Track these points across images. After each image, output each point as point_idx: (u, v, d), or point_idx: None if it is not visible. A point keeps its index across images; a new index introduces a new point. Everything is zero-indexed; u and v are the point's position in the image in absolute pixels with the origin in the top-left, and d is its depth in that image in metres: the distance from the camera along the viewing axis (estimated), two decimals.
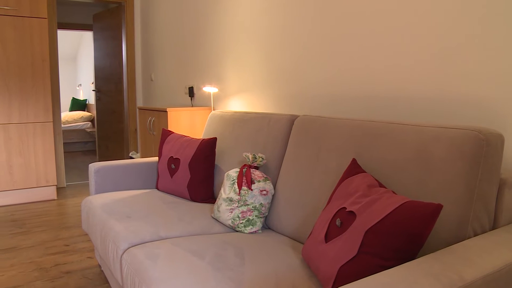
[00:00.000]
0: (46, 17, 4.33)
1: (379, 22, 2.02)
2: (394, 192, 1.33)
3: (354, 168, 1.58)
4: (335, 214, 1.42)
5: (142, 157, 4.12)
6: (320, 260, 1.38)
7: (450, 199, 1.33)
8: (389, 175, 1.54)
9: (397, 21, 1.94)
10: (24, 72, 4.26)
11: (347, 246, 1.28)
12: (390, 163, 1.55)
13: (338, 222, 1.37)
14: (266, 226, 2.11)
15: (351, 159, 1.70)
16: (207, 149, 2.44)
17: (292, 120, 2.17)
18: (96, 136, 6.63)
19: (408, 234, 1.15)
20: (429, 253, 1.21)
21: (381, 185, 1.44)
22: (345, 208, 1.40)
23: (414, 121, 1.59)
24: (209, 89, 3.44)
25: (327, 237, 1.40)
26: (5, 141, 4.23)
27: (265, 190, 1.98)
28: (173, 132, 2.76)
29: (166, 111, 3.36)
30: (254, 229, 1.97)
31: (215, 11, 3.46)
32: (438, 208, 1.14)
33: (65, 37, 10.01)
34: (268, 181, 2.01)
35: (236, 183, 2.01)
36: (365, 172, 1.55)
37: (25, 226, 3.64)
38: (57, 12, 7.16)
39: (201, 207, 2.31)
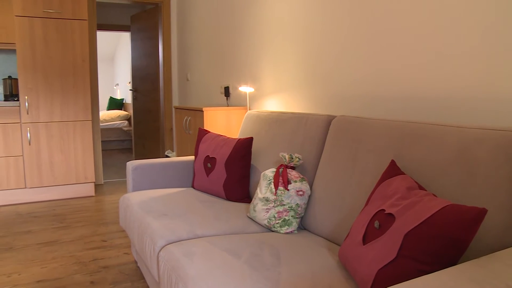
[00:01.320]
0: (87, 19, 4.45)
1: (418, 19, 1.98)
2: (434, 195, 1.30)
3: (393, 170, 1.55)
4: (373, 216, 1.40)
5: (177, 155, 4.17)
6: (357, 262, 1.36)
7: (495, 204, 1.29)
8: (429, 177, 1.50)
9: (437, 18, 1.89)
10: (66, 72, 4.39)
11: (385, 249, 1.26)
12: (430, 165, 1.51)
13: (376, 224, 1.35)
14: (302, 227, 2.10)
15: (389, 161, 1.68)
16: (243, 149, 2.45)
17: (329, 120, 2.15)
18: (133, 135, 6.76)
19: (449, 238, 1.12)
20: (472, 259, 1.17)
21: (421, 188, 1.41)
22: (383, 210, 1.37)
23: (456, 122, 1.55)
24: (245, 89, 3.45)
25: (365, 239, 1.38)
26: (48, 138, 4.36)
27: (301, 191, 1.98)
28: (210, 132, 2.78)
29: (202, 111, 3.39)
30: (290, 229, 1.96)
31: (252, 10, 3.47)
32: (482, 212, 1.10)
33: (103, 38, 10.24)
34: (304, 182, 2.00)
35: (272, 183, 2.01)
36: (404, 174, 1.52)
37: (66, 221, 3.75)
38: (97, 13, 7.33)
39: (237, 207, 2.32)
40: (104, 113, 8.91)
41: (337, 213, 1.86)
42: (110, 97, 10.16)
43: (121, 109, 9.86)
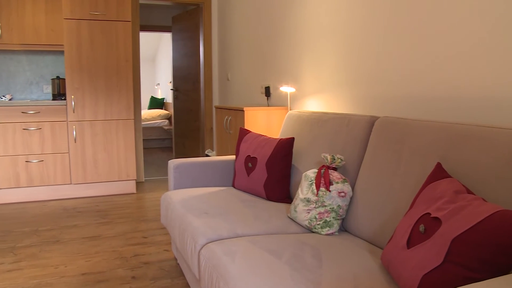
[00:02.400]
0: (130, 20, 4.55)
1: (464, 17, 1.92)
2: (484, 200, 1.26)
3: (439, 172, 1.52)
4: (418, 220, 1.37)
5: (217, 155, 4.21)
6: (401, 266, 1.34)
7: None
8: (478, 181, 1.46)
9: (487, 16, 1.83)
10: (110, 72, 4.51)
11: (431, 253, 1.23)
12: (479, 168, 1.47)
13: (421, 228, 1.32)
14: (343, 229, 2.08)
15: (434, 163, 1.64)
16: (284, 149, 2.45)
17: (372, 121, 2.12)
18: (173, 134, 6.87)
19: (500, 245, 1.08)
20: None
21: (469, 192, 1.37)
22: (429, 214, 1.34)
23: (507, 124, 1.50)
24: (286, 89, 3.44)
25: (409, 243, 1.35)
26: (92, 136, 4.49)
27: (343, 192, 1.96)
28: (251, 131, 2.79)
29: (243, 111, 3.41)
30: (331, 231, 1.95)
31: (293, 10, 3.47)
32: None
33: (145, 38, 10.45)
34: (346, 183, 1.98)
35: (314, 184, 2.00)
36: (451, 177, 1.48)
37: (108, 217, 3.85)
38: (139, 15, 7.49)
39: (277, 207, 2.32)
40: (145, 112, 9.09)
41: (379, 215, 1.83)
42: (151, 96, 10.36)
43: (162, 108, 10.04)
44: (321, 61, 3.09)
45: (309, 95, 3.27)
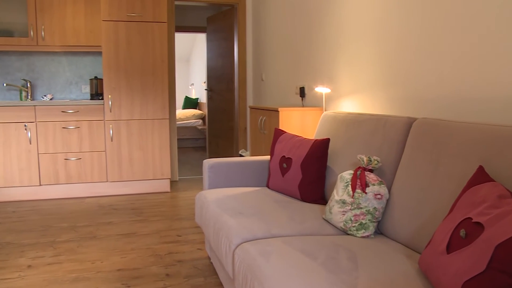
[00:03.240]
0: (166, 21, 4.62)
1: (506, 11, 1.86)
2: None
3: (481, 176, 1.47)
4: (458, 224, 1.34)
5: (251, 155, 4.22)
6: (440, 272, 1.30)
7: None
8: None
9: None
10: (146, 73, 4.58)
11: (473, 260, 1.19)
12: None
13: (462, 233, 1.29)
14: (378, 231, 2.05)
15: (476, 166, 1.59)
16: (319, 150, 2.43)
17: (409, 123, 2.08)
18: (207, 133, 6.92)
19: None
20: None
21: None
22: (470, 218, 1.30)
23: None
24: (322, 90, 3.42)
25: (449, 248, 1.32)
26: (128, 136, 4.58)
27: (379, 194, 1.93)
28: (286, 132, 2.78)
29: (278, 111, 3.40)
30: (366, 233, 1.92)
31: (328, 10, 3.44)
32: None
33: (180, 39, 10.58)
34: (383, 185, 1.95)
35: (349, 185, 1.98)
36: (494, 181, 1.43)
37: (143, 215, 3.91)
38: (175, 16, 7.58)
39: (312, 208, 2.31)
40: (180, 112, 9.20)
41: (417, 218, 1.79)
42: (186, 96, 10.47)
43: (196, 108, 10.14)
44: (357, 61, 3.05)
45: (344, 95, 3.24)
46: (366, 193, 1.92)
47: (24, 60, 5.01)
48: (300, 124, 3.44)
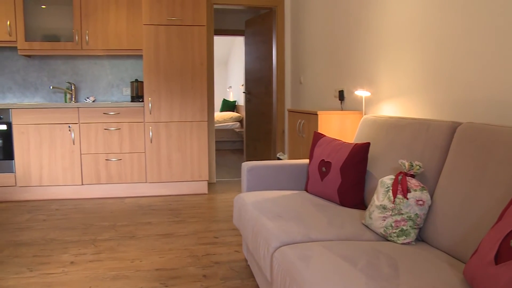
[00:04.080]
0: (205, 24, 4.67)
1: None
2: None
3: None
4: (508, 234, 1.29)
5: (289, 158, 4.20)
6: (488, 283, 1.26)
7: None
8: None
9: None
10: (185, 75, 4.65)
11: None
12: None
13: None
14: (420, 238, 2.00)
15: None
16: (359, 154, 2.40)
17: (454, 127, 2.03)
18: (245, 136, 6.95)
19: None
20: None
21: None
22: None
23: None
24: (361, 93, 3.37)
25: (498, 259, 1.27)
26: (167, 137, 4.65)
27: (421, 200, 1.88)
28: (325, 135, 2.76)
29: (317, 114, 3.38)
30: (407, 240, 1.88)
31: (368, 12, 3.39)
32: None
33: (218, 42, 10.68)
34: (425, 191, 1.90)
35: (390, 191, 1.94)
36: None
37: (181, 216, 3.96)
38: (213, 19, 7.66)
39: (351, 212, 2.28)
40: (218, 115, 9.28)
41: (461, 226, 1.74)
42: (223, 99, 10.56)
43: (234, 111, 10.21)
44: (398, 64, 3.00)
45: (385, 99, 3.18)
46: (407, 198, 1.88)
47: (69, 64, 5.18)
48: (339, 127, 3.41)
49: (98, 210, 4.18)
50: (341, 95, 3.86)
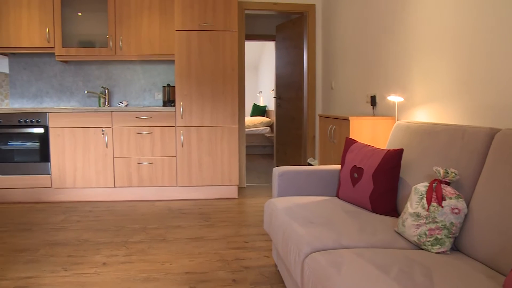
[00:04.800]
0: (237, 30, 4.70)
1: None
2: None
3: None
4: None
5: (320, 164, 4.18)
6: None
7: None
8: None
9: None
10: (216, 80, 4.68)
11: None
12: None
13: None
14: (455, 248, 1.95)
15: None
16: (392, 160, 2.36)
17: (492, 134, 1.97)
18: (275, 141, 6.94)
19: None
20: None
21: None
22: None
23: None
24: (394, 98, 3.32)
25: None
26: (198, 141, 4.69)
27: (457, 209, 1.83)
28: (357, 141, 2.73)
29: (348, 120, 3.35)
30: (442, 249, 1.83)
31: (401, 16, 3.34)
32: None
33: (249, 47, 10.72)
34: (461, 199, 1.85)
35: (424, 198, 1.90)
36: None
37: (211, 220, 3.98)
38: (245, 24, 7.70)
39: (383, 220, 2.24)
40: (248, 119, 9.30)
41: (500, 236, 1.68)
42: (254, 104, 10.59)
43: (264, 116, 10.22)
44: (431, 69, 2.94)
45: (418, 104, 3.13)
46: (442, 206, 1.84)
47: (103, 69, 5.29)
48: (371, 133, 3.36)
49: (129, 212, 4.24)
50: (373, 101, 3.81)
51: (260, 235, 3.55)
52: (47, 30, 4.79)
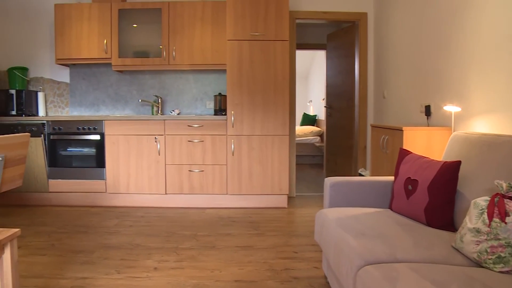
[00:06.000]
0: (288, 39, 4.70)
1: None
2: None
3: None
4: None
5: (371, 174, 4.09)
6: None
7: None
8: None
9: None
10: (267, 90, 4.70)
11: None
12: None
13: None
14: None
15: None
16: (449, 173, 2.27)
17: None
18: (325, 151, 6.88)
19: None
20: None
21: None
22: None
23: None
24: (451, 108, 3.21)
25: None
26: (249, 150, 4.71)
27: None
28: (412, 152, 2.65)
29: (402, 130, 3.26)
30: (506, 269, 1.73)
31: (460, 22, 3.23)
32: None
33: (299, 56, 10.70)
34: None
35: (485, 213, 1.81)
36: None
37: (260, 229, 3.97)
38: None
39: (439, 234, 2.15)
40: (298, 129, 9.27)
41: None
42: (304, 113, 10.55)
43: (314, 125, 10.15)
44: (491, 78, 2.82)
45: (476, 115, 3.00)
46: (506, 223, 1.74)
47: (156, 78, 5.43)
48: (425, 144, 3.26)
49: (180, 219, 4.31)
50: (427, 110, 3.70)
51: (309, 245, 3.51)
52: (105, 41, 4.98)
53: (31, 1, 5.47)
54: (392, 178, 2.83)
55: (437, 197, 2.28)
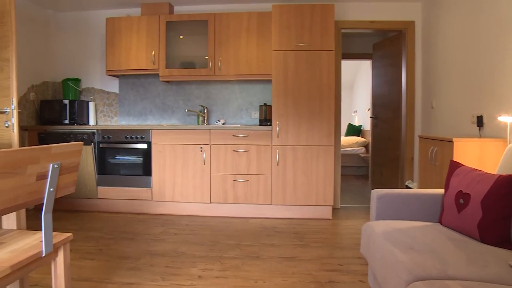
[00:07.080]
0: (333, 49, 4.67)
1: None
2: None
3: None
4: None
5: (419, 187, 3.98)
6: None
7: None
8: None
9: None
10: (313, 100, 4.67)
11: None
12: None
13: None
14: None
15: None
16: (505, 187, 2.17)
17: None
18: (370, 162, 6.76)
19: None
20: None
21: None
22: None
23: None
24: (506, 119, 3.08)
25: None
26: (293, 161, 4.69)
27: None
28: (463, 165, 2.56)
29: (452, 141, 3.16)
30: None
31: None
32: None
33: (344, 66, 10.61)
34: None
35: None
36: None
37: (304, 240, 3.94)
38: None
39: (494, 251, 2.06)
40: (343, 139, 9.16)
41: None
42: (349, 123, 10.42)
43: (359, 136, 10.00)
44: None
45: None
46: None
47: (202, 88, 5.52)
48: (477, 156, 3.14)
49: (224, 228, 4.33)
50: (479, 121, 3.57)
51: (355, 258, 3.44)
52: (153, 53, 5.11)
53: (83, 16, 5.71)
54: (441, 191, 2.74)
55: (491, 212, 2.18)
